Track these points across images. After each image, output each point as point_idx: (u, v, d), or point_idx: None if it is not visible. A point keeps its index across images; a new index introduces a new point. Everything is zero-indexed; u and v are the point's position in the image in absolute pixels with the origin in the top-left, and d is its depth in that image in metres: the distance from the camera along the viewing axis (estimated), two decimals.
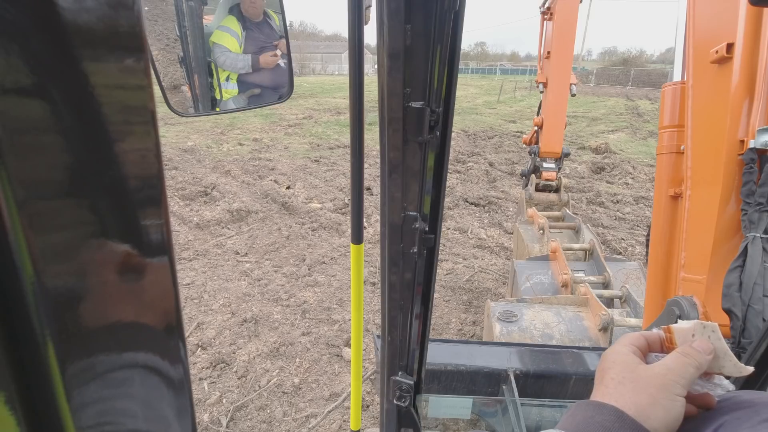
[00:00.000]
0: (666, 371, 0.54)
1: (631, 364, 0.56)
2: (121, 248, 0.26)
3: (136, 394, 0.30)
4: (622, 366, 0.56)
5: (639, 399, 0.51)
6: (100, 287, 0.26)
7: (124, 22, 0.23)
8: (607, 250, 5.80)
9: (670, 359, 0.56)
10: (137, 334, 0.29)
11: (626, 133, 14.78)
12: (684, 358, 0.55)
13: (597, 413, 0.51)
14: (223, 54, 1.42)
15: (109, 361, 0.27)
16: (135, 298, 0.28)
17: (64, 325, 0.24)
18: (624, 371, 0.55)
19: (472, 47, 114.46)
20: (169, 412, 0.32)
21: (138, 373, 0.30)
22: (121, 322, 0.28)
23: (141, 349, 0.29)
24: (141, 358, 0.29)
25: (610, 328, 2.44)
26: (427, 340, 1.20)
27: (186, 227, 6.22)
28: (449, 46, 0.80)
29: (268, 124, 14.22)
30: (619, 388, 0.53)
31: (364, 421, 3.05)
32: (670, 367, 0.54)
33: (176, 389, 0.32)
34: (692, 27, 1.40)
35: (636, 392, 0.52)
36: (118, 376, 0.28)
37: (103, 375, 0.27)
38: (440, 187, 0.97)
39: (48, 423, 0.25)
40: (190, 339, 3.84)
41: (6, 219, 0.21)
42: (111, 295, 0.27)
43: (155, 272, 0.29)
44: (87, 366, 0.26)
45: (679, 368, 0.54)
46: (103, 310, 0.26)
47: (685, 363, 0.54)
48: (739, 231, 1.20)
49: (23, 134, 0.21)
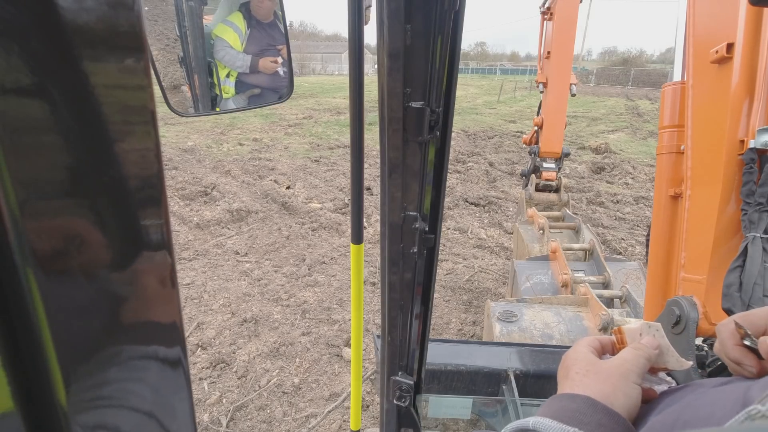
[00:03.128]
0: (623, 362, 0.61)
1: (591, 359, 0.63)
2: (121, 248, 0.26)
3: (136, 393, 0.30)
4: (584, 362, 0.62)
5: (603, 387, 0.57)
6: (100, 287, 0.26)
7: (124, 22, 0.23)
8: (607, 250, 5.79)
9: (625, 352, 0.63)
10: (137, 334, 0.29)
11: (626, 133, 14.78)
12: (636, 351, 0.63)
13: (570, 402, 0.56)
14: (224, 49, 1.41)
15: (109, 360, 0.27)
16: (135, 297, 0.28)
17: (64, 324, 0.24)
18: (587, 365, 0.61)
19: (472, 47, 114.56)
20: (169, 411, 0.32)
21: (138, 373, 0.30)
22: (121, 321, 0.28)
23: (141, 348, 0.29)
24: (141, 357, 0.29)
25: (610, 328, 2.43)
26: (427, 340, 1.20)
27: (186, 227, 6.22)
28: (449, 46, 0.80)
29: (268, 124, 14.22)
30: (584, 380, 0.59)
31: (364, 421, 3.05)
32: (626, 359, 0.61)
33: (176, 388, 0.32)
34: (692, 27, 1.40)
35: (600, 381, 0.58)
36: (118, 375, 0.28)
37: (103, 374, 0.27)
38: (440, 187, 0.97)
39: (48, 422, 0.25)
40: (190, 339, 3.84)
41: (6, 219, 0.21)
42: (111, 294, 0.27)
43: (155, 272, 0.29)
44: (87, 365, 0.26)
45: (633, 359, 0.61)
46: (103, 309, 0.26)
47: (637, 355, 0.62)
48: (739, 231, 1.20)
49: (23, 134, 0.21)
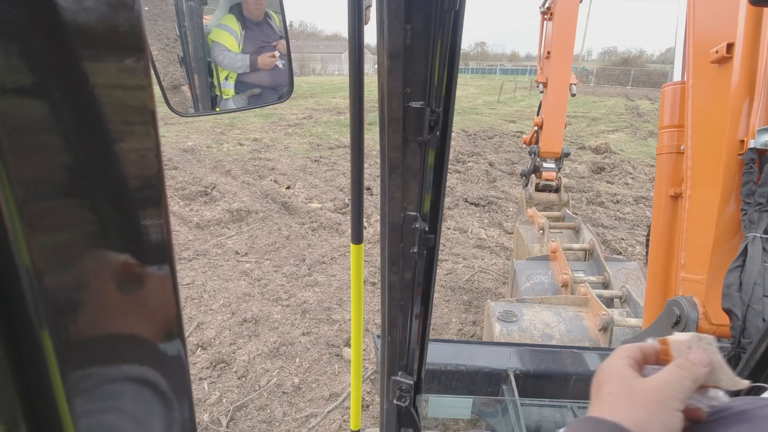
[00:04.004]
0: (662, 385, 0.52)
1: (627, 378, 0.55)
2: (121, 248, 0.26)
3: (136, 393, 0.30)
4: (618, 380, 0.55)
5: (636, 414, 0.50)
6: (100, 287, 0.26)
7: (124, 22, 0.23)
8: (607, 250, 5.80)
9: (667, 372, 0.54)
10: (137, 334, 0.29)
11: (626, 133, 14.78)
12: (681, 371, 0.53)
13: (596, 429, 0.50)
14: (222, 53, 1.42)
15: (109, 360, 0.27)
16: (135, 298, 0.28)
17: (64, 324, 0.24)
18: (620, 385, 0.54)
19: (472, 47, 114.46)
20: (169, 411, 0.32)
21: (138, 373, 0.30)
22: (120, 321, 0.28)
23: (141, 348, 0.29)
24: (141, 357, 0.29)
25: (610, 328, 2.43)
26: (427, 340, 1.20)
27: (186, 227, 6.22)
28: (449, 46, 0.80)
29: (268, 124, 14.22)
30: (615, 403, 0.52)
31: (364, 421, 3.05)
32: (666, 381, 0.53)
33: (176, 389, 0.32)
34: (692, 27, 1.40)
35: (633, 407, 0.51)
36: (117, 375, 0.28)
37: (102, 374, 0.27)
38: (440, 187, 0.97)
39: (48, 421, 0.25)
40: (190, 339, 3.84)
41: (6, 219, 0.21)
42: (111, 294, 0.27)
43: (155, 272, 0.29)
44: (87, 365, 0.26)
45: (675, 382, 0.52)
46: (103, 309, 0.26)
47: (681, 376, 0.53)
48: (739, 231, 1.20)
49: (23, 134, 0.21)
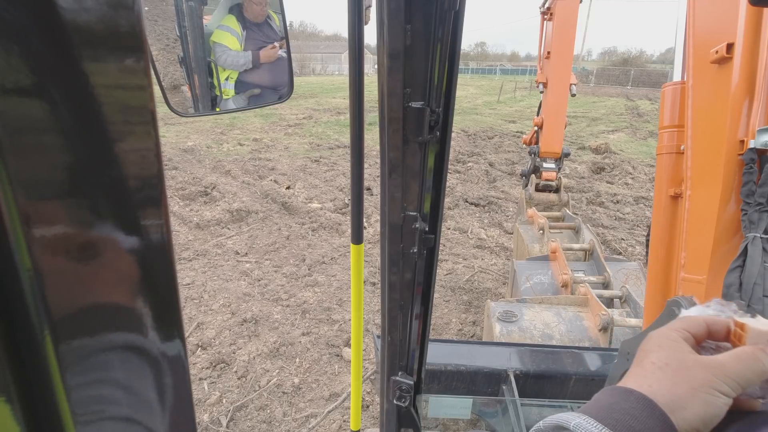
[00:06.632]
0: (719, 365, 0.47)
1: (679, 351, 0.49)
2: (121, 248, 0.26)
3: (136, 393, 0.30)
4: (668, 351, 0.50)
5: (677, 388, 0.46)
6: (100, 287, 0.26)
7: (124, 22, 0.23)
8: (607, 250, 5.79)
9: (731, 356, 0.48)
10: (137, 334, 0.29)
11: (626, 133, 14.78)
12: (746, 359, 0.48)
13: (623, 400, 0.46)
14: (224, 53, 1.42)
15: (109, 360, 0.27)
16: (135, 298, 0.28)
17: (64, 324, 0.24)
18: (669, 357, 0.49)
19: (472, 47, 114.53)
20: (169, 412, 0.32)
21: (138, 373, 0.30)
22: (121, 321, 0.28)
23: (141, 348, 0.29)
24: (141, 357, 0.29)
25: (610, 328, 2.44)
26: (427, 340, 1.20)
27: (186, 227, 6.22)
28: (449, 46, 0.80)
29: (268, 124, 14.22)
30: (657, 374, 0.48)
31: (364, 421, 3.05)
32: (725, 365, 0.47)
33: (176, 389, 0.32)
34: (692, 27, 1.40)
35: (676, 381, 0.47)
36: (118, 375, 0.28)
37: (103, 374, 0.27)
38: (440, 187, 0.97)
39: (48, 421, 0.25)
40: (190, 339, 3.84)
41: (6, 219, 0.21)
42: (111, 295, 0.27)
43: (155, 272, 0.29)
44: (87, 365, 0.26)
45: (737, 367, 0.47)
46: (103, 309, 0.26)
47: (748, 365, 0.47)
48: (739, 231, 1.20)
49: (23, 134, 0.21)
